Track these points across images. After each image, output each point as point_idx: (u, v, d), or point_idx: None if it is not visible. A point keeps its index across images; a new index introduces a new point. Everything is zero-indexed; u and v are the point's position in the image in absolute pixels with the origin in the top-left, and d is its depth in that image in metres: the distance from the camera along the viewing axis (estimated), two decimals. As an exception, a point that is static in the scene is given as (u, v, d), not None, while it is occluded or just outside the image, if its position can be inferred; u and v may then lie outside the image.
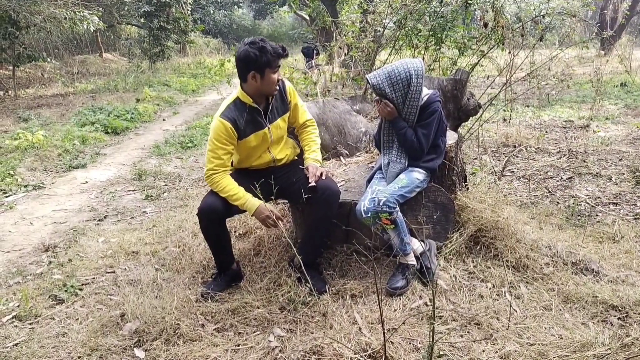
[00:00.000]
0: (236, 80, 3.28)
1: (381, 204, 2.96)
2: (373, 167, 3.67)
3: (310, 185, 3.05)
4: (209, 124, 8.88)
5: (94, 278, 3.60)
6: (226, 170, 3.07)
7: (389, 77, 3.08)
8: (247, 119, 3.03)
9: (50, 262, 3.91)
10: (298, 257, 2.94)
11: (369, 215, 3.02)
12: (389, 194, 3.00)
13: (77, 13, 12.29)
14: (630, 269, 3.40)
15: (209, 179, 3.04)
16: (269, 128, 3.14)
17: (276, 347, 2.66)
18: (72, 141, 7.67)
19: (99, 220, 4.83)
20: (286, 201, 3.82)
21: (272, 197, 3.07)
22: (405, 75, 3.06)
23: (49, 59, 13.53)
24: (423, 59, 5.96)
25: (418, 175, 3.19)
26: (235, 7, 33.68)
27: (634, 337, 2.62)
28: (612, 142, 6.89)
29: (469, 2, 5.38)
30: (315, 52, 13.89)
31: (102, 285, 3.48)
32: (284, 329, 2.83)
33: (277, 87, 3.05)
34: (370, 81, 3.13)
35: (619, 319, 2.83)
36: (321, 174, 3.12)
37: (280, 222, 3.05)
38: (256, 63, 2.86)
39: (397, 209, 3.02)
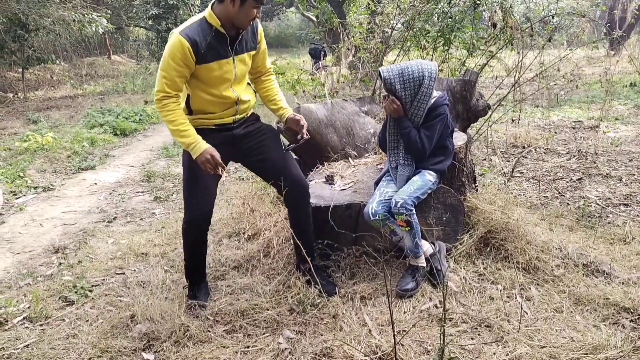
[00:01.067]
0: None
1: (399, 205, 2.95)
2: (382, 168, 3.66)
3: (301, 138, 3.03)
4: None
5: (103, 279, 3.61)
6: (178, 99, 2.77)
7: (402, 73, 3.05)
8: (210, 42, 2.70)
9: (60, 264, 3.93)
10: (309, 261, 2.88)
11: (377, 217, 3.01)
12: (407, 196, 2.99)
13: (85, 15, 12.37)
14: (642, 271, 3.37)
15: (160, 102, 2.71)
16: (234, 59, 2.83)
17: (286, 349, 2.66)
18: (81, 143, 7.70)
19: (108, 221, 4.85)
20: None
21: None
22: (418, 74, 3.04)
23: (57, 61, 13.60)
24: (432, 59, 5.94)
25: (430, 177, 3.18)
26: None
27: (646, 339, 2.60)
28: (622, 142, 6.84)
29: (478, 2, 5.36)
30: (322, 53, 13.90)
31: (112, 286, 3.49)
32: (294, 330, 2.83)
33: (251, 24, 2.80)
34: (382, 74, 3.10)
35: (631, 321, 2.81)
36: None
37: (222, 168, 2.81)
38: None
39: (414, 211, 3.01)
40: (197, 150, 2.74)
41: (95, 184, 6.11)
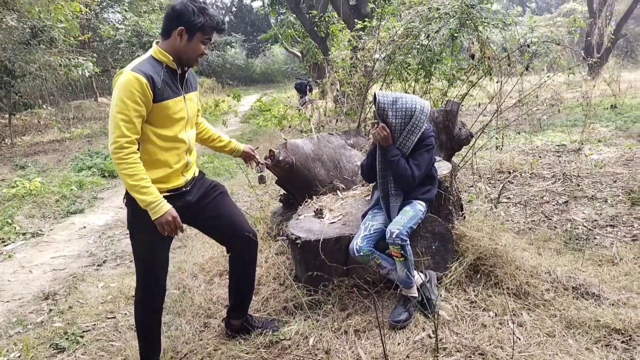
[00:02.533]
0: (232, 120, 3.25)
1: (394, 236, 2.96)
2: (369, 200, 3.69)
3: (263, 166, 3.17)
4: (206, 163, 8.93)
5: (94, 324, 3.58)
6: (137, 147, 2.48)
7: (395, 101, 3.09)
8: (164, 79, 2.51)
9: (50, 310, 3.89)
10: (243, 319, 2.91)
11: (362, 253, 3.03)
12: (401, 226, 3.00)
13: (71, 60, 12.50)
14: (631, 291, 3.40)
15: (120, 151, 2.39)
16: (184, 97, 2.65)
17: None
18: (69, 187, 7.69)
19: (98, 265, 4.82)
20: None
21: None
22: (411, 105, 3.08)
23: (44, 106, 13.68)
24: (413, 91, 6.06)
25: (420, 206, 3.21)
26: (228, 47, 34.20)
27: (638, 360, 2.61)
28: (606, 164, 6.95)
29: (455, 35, 5.50)
30: (308, 87, 14.10)
31: (103, 331, 3.46)
32: (288, 368, 2.81)
33: (199, 61, 2.67)
34: (377, 97, 3.12)
35: (622, 342, 2.83)
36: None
37: (179, 231, 2.60)
38: (190, 21, 2.46)
39: (408, 242, 3.02)
40: (160, 210, 2.47)
41: (84, 227, 6.09)
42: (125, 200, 2.68)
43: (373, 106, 3.37)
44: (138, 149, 2.49)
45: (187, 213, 2.69)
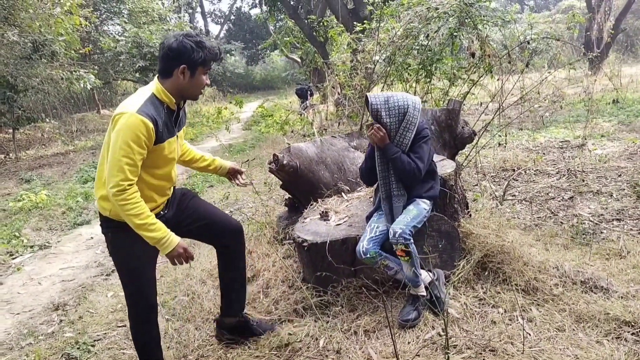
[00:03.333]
0: (234, 126, 3.21)
1: (397, 235, 2.96)
2: (373, 201, 3.69)
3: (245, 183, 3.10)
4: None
5: (105, 333, 3.59)
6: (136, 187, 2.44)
7: (387, 101, 3.11)
8: (164, 120, 2.50)
9: (61, 321, 3.91)
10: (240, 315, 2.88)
11: (369, 255, 3.04)
12: (404, 225, 3.00)
13: (73, 73, 12.57)
14: (639, 284, 3.40)
15: (123, 193, 2.34)
16: (177, 136, 2.66)
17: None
18: (75, 198, 7.73)
19: (107, 275, 4.84)
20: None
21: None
22: (403, 103, 3.11)
23: (47, 120, 13.76)
24: (415, 91, 6.07)
25: (424, 205, 3.21)
26: (228, 55, 34.32)
27: (650, 351, 2.61)
28: (610, 158, 6.94)
29: (455, 34, 5.52)
30: (309, 92, 14.14)
31: (114, 339, 3.47)
32: (299, 370, 2.82)
33: (203, 92, 2.67)
34: (369, 99, 3.13)
35: (632, 334, 2.82)
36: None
37: (190, 260, 2.64)
38: (191, 57, 2.44)
39: (412, 240, 3.03)
40: (170, 244, 2.49)
41: (92, 238, 6.12)
42: (102, 229, 2.66)
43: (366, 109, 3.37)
44: None
45: (169, 227, 2.60)
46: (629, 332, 2.85)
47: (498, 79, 5.59)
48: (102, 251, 5.57)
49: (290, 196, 4.57)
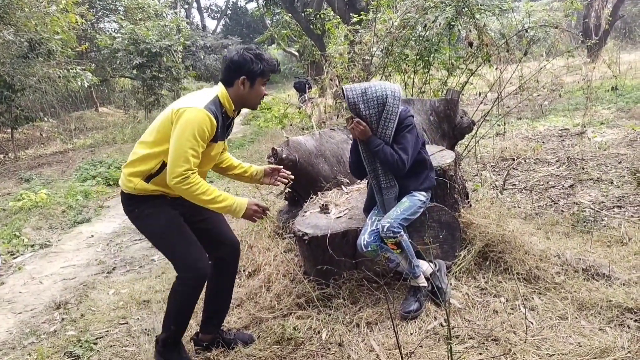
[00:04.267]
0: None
1: (385, 229, 2.95)
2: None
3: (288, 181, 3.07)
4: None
5: (107, 331, 3.59)
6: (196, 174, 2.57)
7: (364, 93, 3.01)
8: (221, 123, 2.64)
9: (62, 319, 3.91)
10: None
11: (370, 248, 3.02)
12: (392, 219, 2.99)
13: (70, 71, 12.52)
14: (641, 270, 3.39)
15: (186, 180, 2.48)
16: (224, 141, 2.85)
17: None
18: (75, 197, 7.72)
19: (108, 272, 4.84)
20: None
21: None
22: (381, 93, 3.00)
23: (46, 119, 13.72)
24: (413, 82, 6.05)
25: (420, 197, 3.18)
26: (225, 50, 34.21)
27: (652, 337, 2.60)
28: (610, 146, 6.92)
29: (452, 23, 5.49)
30: (307, 86, 14.10)
31: (117, 337, 3.47)
32: (302, 363, 2.81)
33: (261, 102, 2.81)
34: (345, 93, 3.04)
35: (635, 321, 2.82)
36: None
37: (267, 211, 2.77)
38: (250, 69, 2.60)
39: (402, 232, 3.01)
40: (241, 207, 2.65)
41: (92, 236, 6.11)
42: (127, 208, 2.76)
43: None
44: (153, 166, 2.61)
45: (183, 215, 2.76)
46: (631, 318, 2.84)
47: (496, 68, 5.57)
48: (103, 249, 5.57)
49: (290, 190, 4.56)
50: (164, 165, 2.59)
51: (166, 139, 2.54)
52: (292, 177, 3.04)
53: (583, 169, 6.03)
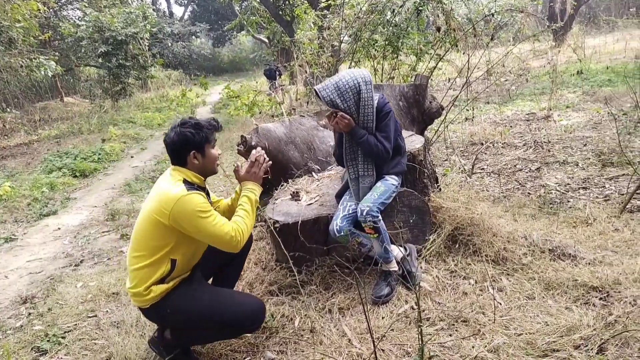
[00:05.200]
0: (202, 110, 3.10)
1: (364, 213, 2.96)
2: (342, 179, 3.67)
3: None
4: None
5: (75, 324, 3.52)
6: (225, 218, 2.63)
7: (337, 87, 3.00)
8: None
9: (29, 314, 3.82)
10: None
11: (342, 233, 3.02)
12: (371, 203, 3.00)
13: (33, 60, 12.17)
14: (606, 249, 3.48)
15: (236, 234, 2.55)
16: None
17: (268, 369, 2.64)
18: (40, 189, 7.53)
19: (76, 265, 4.74)
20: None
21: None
22: (353, 83, 3.00)
23: (8, 110, 13.33)
24: (382, 68, 6.05)
25: (392, 181, 3.20)
26: (193, 37, 33.74)
27: (616, 315, 2.67)
28: (575, 129, 7.06)
29: (420, 8, 5.49)
30: (277, 72, 14.00)
31: (85, 330, 3.41)
32: (274, 351, 2.81)
33: (218, 164, 2.79)
34: (320, 94, 3.03)
35: (600, 299, 2.89)
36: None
37: (260, 158, 2.86)
38: (195, 142, 2.59)
39: (380, 217, 3.02)
40: (257, 191, 2.80)
41: (59, 228, 5.98)
42: (158, 315, 2.66)
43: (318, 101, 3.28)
44: (164, 270, 2.56)
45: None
46: (596, 297, 2.91)
47: (464, 54, 5.60)
48: (70, 242, 5.45)
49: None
50: (174, 262, 2.58)
51: (165, 241, 2.52)
52: (267, 159, 2.96)
53: (549, 151, 6.14)
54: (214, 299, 2.65)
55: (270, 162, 2.94)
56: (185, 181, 2.58)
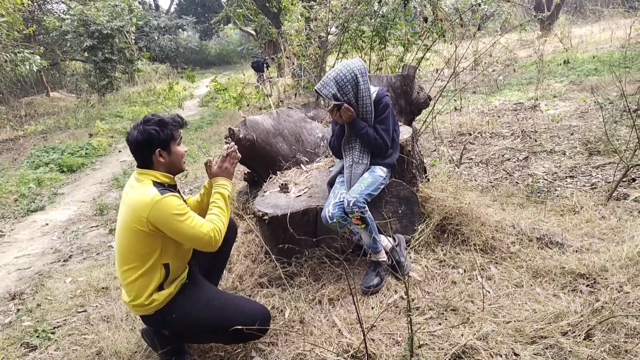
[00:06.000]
0: (190, 103, 3.06)
1: (351, 204, 2.98)
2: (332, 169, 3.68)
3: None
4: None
5: (65, 320, 3.51)
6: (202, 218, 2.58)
7: (337, 82, 3.08)
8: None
9: (18, 310, 3.80)
10: None
11: (335, 220, 3.03)
12: (358, 194, 3.02)
13: (17, 55, 12.01)
14: (592, 237, 3.51)
15: (214, 233, 2.50)
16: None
17: (259, 361, 2.64)
18: (27, 185, 7.47)
19: (64, 260, 4.72)
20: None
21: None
22: (351, 76, 3.08)
23: (-7, 105, 13.16)
24: (370, 59, 6.04)
25: (380, 172, 3.22)
26: (180, 30, 33.45)
27: (603, 301, 2.70)
28: (562, 118, 7.10)
29: (407, -1, 5.49)
30: (265, 65, 13.93)
31: (75, 325, 3.39)
32: (265, 342, 2.81)
33: (185, 162, 2.71)
34: (321, 93, 3.09)
35: (587, 286, 2.92)
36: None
37: (234, 154, 2.79)
38: (159, 140, 2.51)
39: (367, 208, 3.04)
40: (227, 185, 2.74)
41: (47, 224, 5.94)
42: (165, 322, 2.61)
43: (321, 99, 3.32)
44: (158, 279, 2.52)
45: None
46: (583, 284, 2.94)
47: (451, 44, 5.61)
48: (58, 237, 5.42)
49: (249, 170, 4.52)
50: (167, 266, 2.54)
51: (152, 247, 2.47)
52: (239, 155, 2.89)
53: (537, 141, 6.18)
54: (222, 305, 2.61)
55: (240, 156, 2.86)
56: (155, 183, 2.50)
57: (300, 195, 3.58)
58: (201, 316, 2.56)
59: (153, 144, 2.50)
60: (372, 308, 2.96)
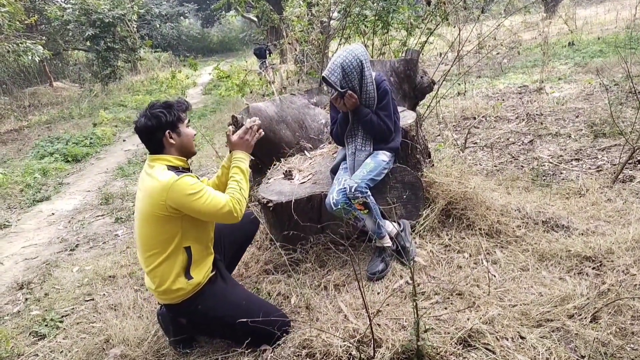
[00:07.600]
0: (193, 91, 3.07)
1: (353, 190, 2.97)
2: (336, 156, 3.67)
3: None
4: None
5: (73, 308, 3.54)
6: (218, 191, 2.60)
7: (343, 69, 3.03)
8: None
9: (26, 299, 3.83)
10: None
11: (339, 206, 3.02)
12: (360, 179, 3.01)
13: (19, 45, 12.00)
14: (598, 220, 3.50)
15: (233, 206, 2.52)
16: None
17: (266, 349, 2.65)
18: (32, 175, 7.50)
19: (71, 250, 4.74)
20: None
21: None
22: (356, 62, 3.04)
23: (-3, 96, 13.18)
24: (372, 43, 6.00)
25: (384, 157, 3.21)
26: (182, 18, 33.30)
27: (609, 284, 2.70)
28: (567, 100, 7.05)
29: (410, -18, 5.43)
30: (267, 51, 13.87)
31: (83, 314, 3.42)
32: (272, 328, 2.82)
33: (195, 143, 2.73)
34: (329, 80, 3.03)
35: (593, 268, 2.92)
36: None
37: (255, 127, 2.82)
38: (167, 123, 2.55)
39: (369, 193, 3.03)
40: (245, 158, 2.77)
41: (53, 214, 5.97)
42: (189, 311, 2.63)
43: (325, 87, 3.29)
44: (179, 265, 2.55)
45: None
46: (589, 266, 2.94)
47: (455, 27, 5.56)
48: (65, 226, 5.44)
49: (252, 157, 4.51)
50: (189, 249, 2.57)
51: (172, 232, 2.51)
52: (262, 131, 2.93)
53: (542, 124, 6.14)
54: (248, 307, 2.64)
55: (263, 133, 2.91)
56: (169, 167, 2.53)
57: (304, 182, 3.57)
58: (226, 313, 2.61)
59: (162, 126, 2.55)
60: (378, 293, 2.96)
